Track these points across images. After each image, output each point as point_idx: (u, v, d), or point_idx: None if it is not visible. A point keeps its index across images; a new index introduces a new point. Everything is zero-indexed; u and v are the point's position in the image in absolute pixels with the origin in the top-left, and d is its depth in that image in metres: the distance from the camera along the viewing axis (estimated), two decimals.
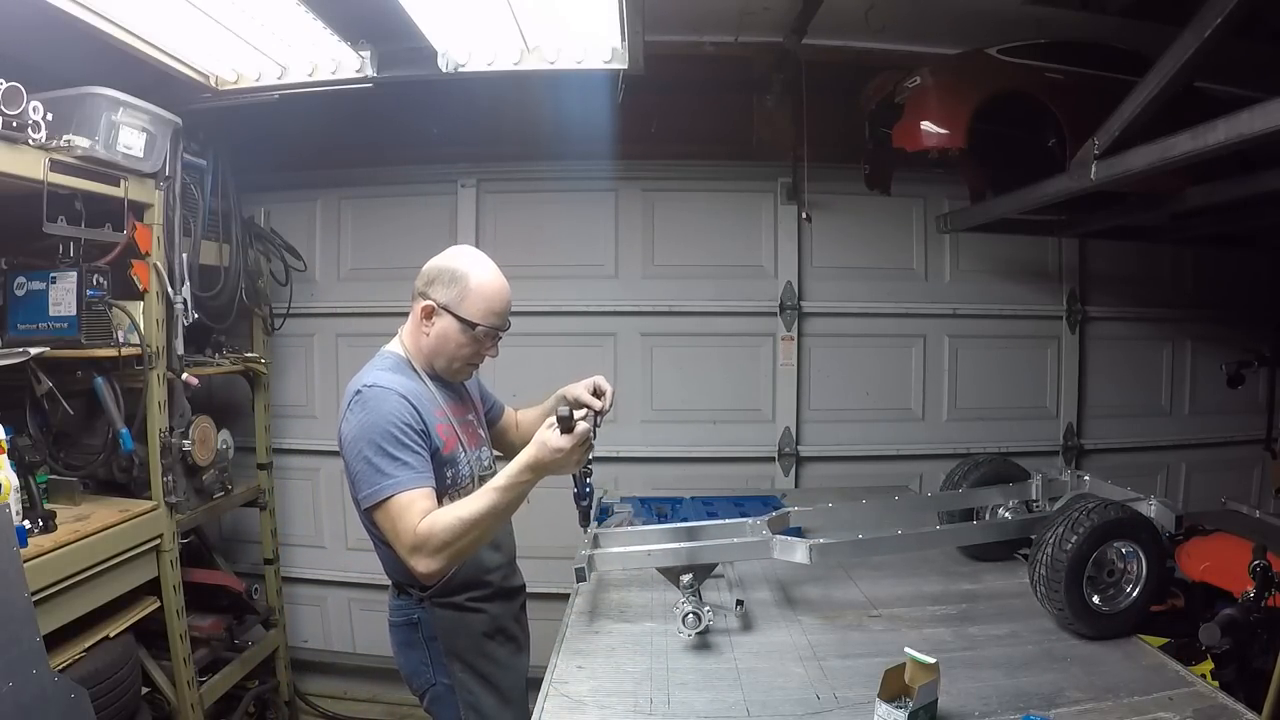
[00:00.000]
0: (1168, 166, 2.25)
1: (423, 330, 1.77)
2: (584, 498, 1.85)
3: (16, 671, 1.69)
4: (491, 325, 1.77)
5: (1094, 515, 1.89)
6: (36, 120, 2.20)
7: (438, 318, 1.75)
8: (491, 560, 1.85)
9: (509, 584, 1.93)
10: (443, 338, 1.76)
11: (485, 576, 1.84)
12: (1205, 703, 1.59)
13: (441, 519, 1.59)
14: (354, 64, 2.65)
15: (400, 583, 1.81)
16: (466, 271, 1.75)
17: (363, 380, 1.71)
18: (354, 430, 1.65)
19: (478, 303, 1.74)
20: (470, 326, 1.74)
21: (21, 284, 2.55)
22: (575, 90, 3.18)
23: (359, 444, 1.63)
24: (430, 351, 1.78)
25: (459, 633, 1.78)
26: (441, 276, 1.75)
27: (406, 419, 1.66)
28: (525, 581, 2.05)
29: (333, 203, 3.92)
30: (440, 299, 1.74)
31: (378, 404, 1.65)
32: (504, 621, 1.88)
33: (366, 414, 1.65)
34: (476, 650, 1.80)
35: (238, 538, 3.94)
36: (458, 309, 1.73)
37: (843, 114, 3.58)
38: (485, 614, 1.82)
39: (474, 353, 1.80)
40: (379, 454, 1.61)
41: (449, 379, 1.85)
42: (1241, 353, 3.80)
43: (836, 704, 1.63)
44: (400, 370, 1.76)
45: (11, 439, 2.19)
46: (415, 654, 1.82)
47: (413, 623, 1.80)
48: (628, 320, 3.85)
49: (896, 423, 3.93)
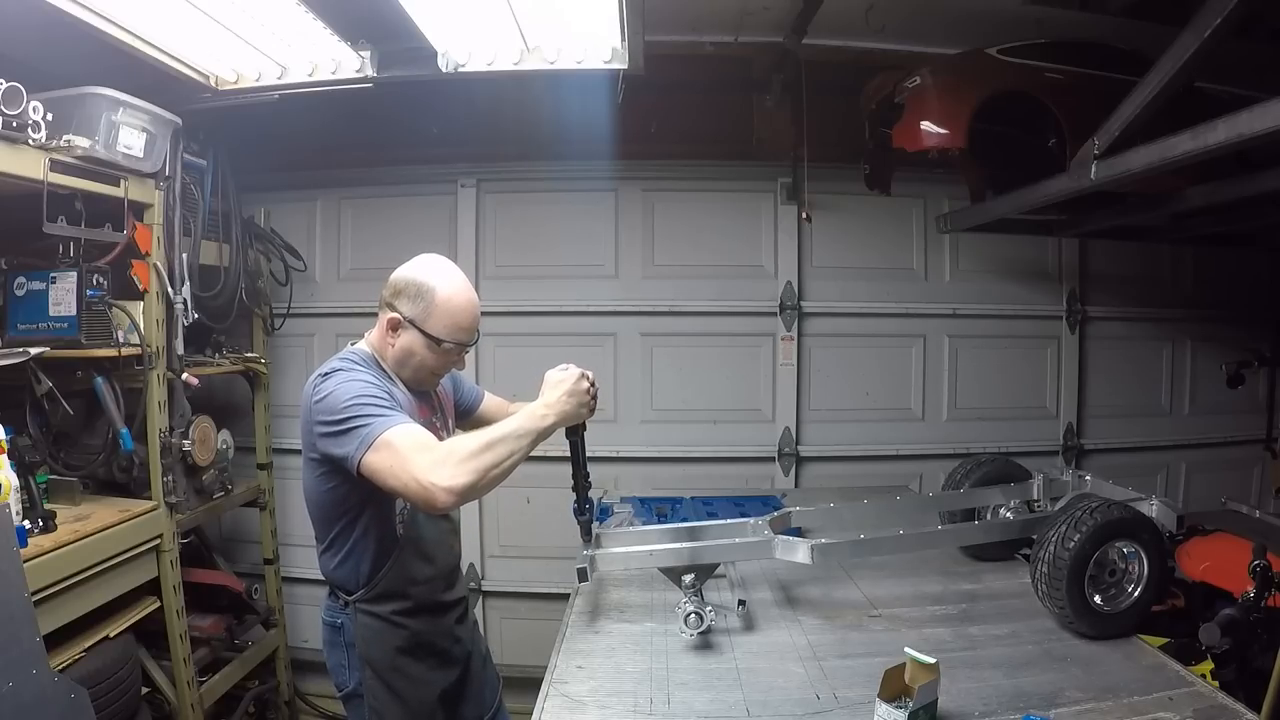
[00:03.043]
0: (1168, 166, 2.25)
1: (388, 342, 1.73)
2: (583, 512, 1.84)
3: (16, 671, 1.69)
4: (457, 341, 1.74)
5: (1096, 515, 1.89)
6: (36, 120, 2.20)
7: (403, 331, 1.71)
8: (420, 572, 1.78)
9: (438, 598, 1.83)
10: (408, 351, 1.73)
11: (410, 589, 1.76)
12: (1205, 703, 1.59)
13: (465, 437, 1.54)
14: (354, 64, 2.64)
15: (333, 586, 1.80)
16: (434, 286, 1.71)
17: (328, 366, 1.65)
18: (326, 402, 1.56)
19: (444, 319, 1.71)
20: (436, 343, 1.71)
21: (21, 284, 2.55)
22: (575, 90, 3.18)
23: (333, 410, 1.54)
24: (395, 362, 1.75)
25: (374, 643, 1.75)
26: (408, 290, 1.71)
27: (381, 388, 1.61)
28: (466, 594, 1.98)
29: (333, 203, 3.92)
30: (406, 313, 1.70)
31: (347, 377, 1.60)
32: (429, 637, 1.81)
33: (337, 386, 1.57)
34: (388, 663, 1.75)
35: (238, 538, 3.94)
36: (423, 324, 1.70)
37: (843, 114, 3.58)
38: (406, 629, 1.76)
39: (440, 365, 1.77)
40: (362, 405, 1.53)
41: (414, 387, 1.81)
42: (1241, 353, 3.81)
43: (836, 704, 1.63)
44: (368, 365, 1.71)
45: (11, 439, 2.18)
46: (336, 654, 1.81)
47: (336, 625, 1.79)
48: (628, 320, 3.85)
49: (896, 423, 3.93)
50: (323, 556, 1.78)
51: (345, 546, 1.73)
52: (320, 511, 1.73)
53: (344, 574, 1.75)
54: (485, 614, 3.95)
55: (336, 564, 1.75)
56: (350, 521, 1.71)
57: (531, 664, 2.17)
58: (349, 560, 1.74)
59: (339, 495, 1.67)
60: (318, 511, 1.74)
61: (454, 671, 1.88)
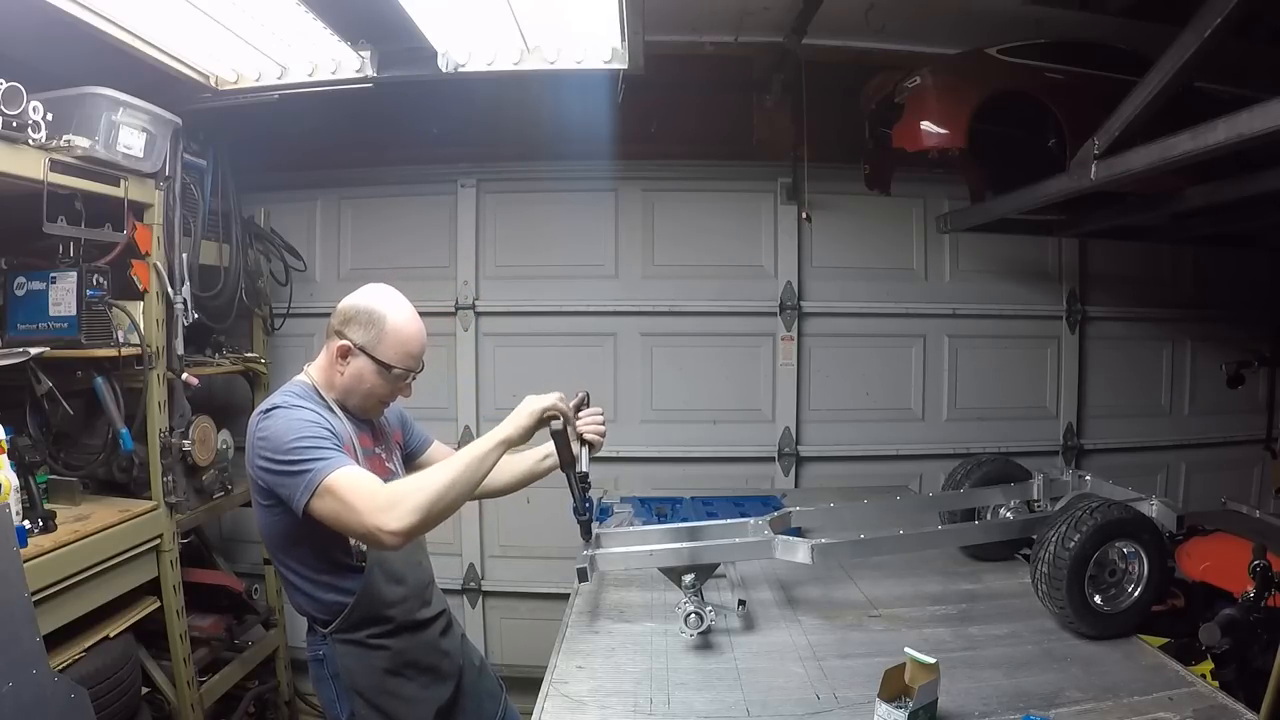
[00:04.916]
0: (1168, 166, 2.26)
1: (337, 369, 1.75)
2: (583, 512, 1.84)
3: (16, 671, 1.69)
4: (406, 368, 1.77)
5: (1097, 514, 1.89)
6: (36, 120, 2.20)
7: (353, 358, 1.74)
8: (392, 594, 1.76)
9: (414, 617, 1.81)
10: (357, 378, 1.75)
11: (386, 611, 1.75)
12: (1205, 703, 1.59)
13: (410, 478, 1.58)
14: (354, 64, 2.64)
15: (311, 619, 1.79)
16: (384, 314, 1.74)
17: (270, 403, 1.67)
18: (270, 442, 1.58)
19: (394, 345, 1.74)
20: (387, 369, 1.74)
21: (21, 284, 2.55)
22: (575, 90, 3.18)
23: (278, 450, 1.56)
24: (344, 389, 1.76)
25: (359, 670, 1.73)
26: (359, 317, 1.74)
27: (323, 425, 1.62)
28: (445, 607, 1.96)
29: (333, 203, 3.93)
30: (357, 340, 1.73)
31: (289, 416, 1.62)
32: (414, 654, 1.80)
33: (279, 424, 1.59)
34: (378, 688, 1.74)
35: (238, 538, 3.94)
36: (374, 351, 1.73)
37: (843, 114, 3.58)
38: (388, 650, 1.75)
39: (388, 392, 1.79)
40: (305, 448, 1.55)
41: (361, 415, 1.82)
42: (1241, 353, 3.81)
43: (836, 704, 1.63)
44: (308, 398, 1.72)
45: (11, 439, 2.19)
46: (325, 689, 1.79)
47: (320, 659, 1.78)
48: (628, 320, 3.85)
49: (896, 422, 3.93)
50: (288, 592, 1.77)
51: (304, 577, 1.71)
52: (272, 542, 1.72)
53: (311, 605, 1.74)
54: (485, 614, 3.95)
55: (301, 597, 1.74)
56: (304, 550, 1.69)
57: (531, 664, 2.16)
58: (312, 591, 1.72)
59: (289, 523, 1.64)
60: (275, 544, 1.72)
61: (447, 687, 1.86)
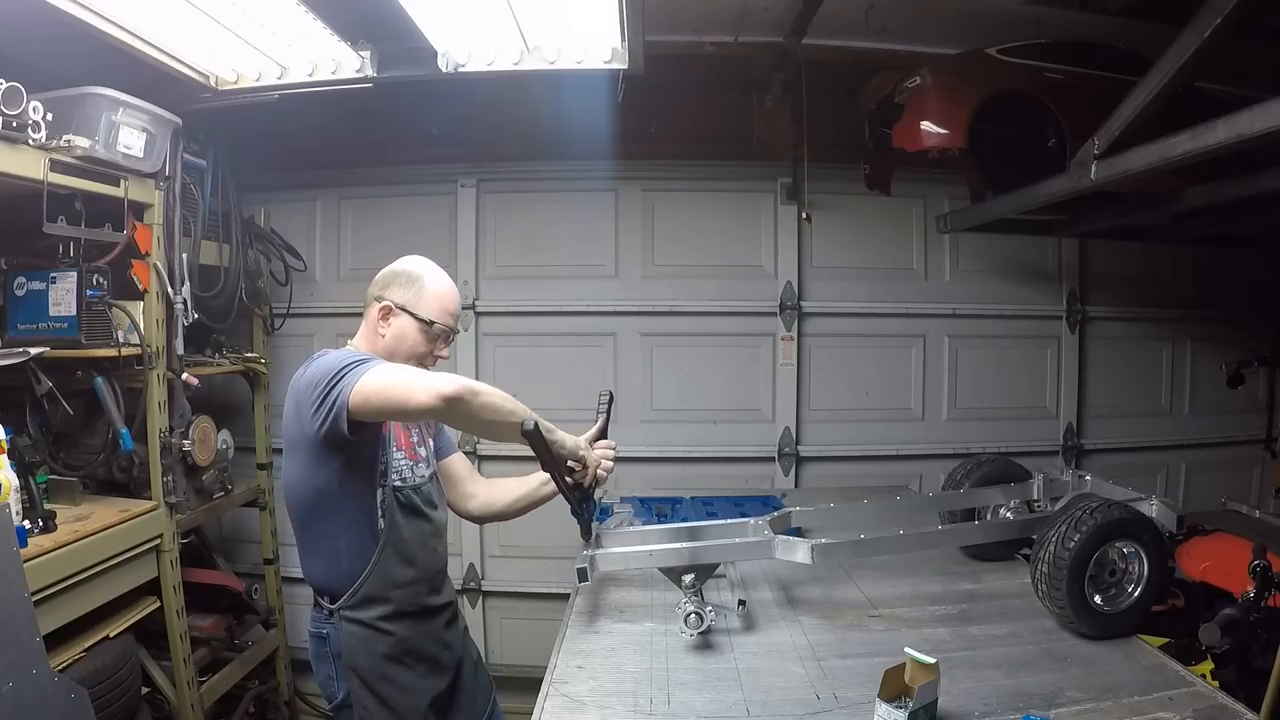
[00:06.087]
0: (1168, 166, 2.25)
1: (379, 332, 1.81)
2: (582, 514, 1.84)
3: (16, 671, 1.69)
4: (446, 325, 1.84)
5: (1097, 514, 1.89)
6: (36, 120, 2.20)
7: (394, 318, 1.81)
8: (401, 575, 1.77)
9: (421, 603, 1.83)
10: (399, 337, 1.81)
11: (391, 592, 1.76)
12: (1205, 703, 1.59)
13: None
14: (354, 64, 2.64)
15: (317, 590, 1.80)
16: (422, 274, 1.84)
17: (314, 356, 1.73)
18: (319, 371, 1.63)
19: (434, 301, 1.82)
20: (428, 325, 1.81)
21: (21, 284, 2.55)
22: (575, 90, 3.18)
23: (330, 370, 1.61)
24: (386, 352, 1.80)
25: (360, 651, 1.74)
26: (398, 279, 1.83)
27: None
28: (454, 599, 1.98)
29: (333, 203, 3.92)
30: (398, 299, 1.80)
31: (336, 354, 1.69)
32: (416, 643, 1.80)
33: (329, 358, 1.66)
34: (376, 672, 1.75)
35: (238, 538, 3.94)
36: (415, 308, 1.80)
37: (843, 114, 3.58)
38: (392, 636, 1.76)
39: (428, 352, 1.84)
40: (356, 362, 1.62)
41: None
42: (1241, 353, 3.81)
43: (836, 704, 1.63)
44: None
45: (11, 439, 2.18)
46: (323, 666, 1.81)
47: (322, 636, 1.79)
48: (628, 320, 3.85)
49: (896, 422, 3.93)
50: (305, 560, 1.80)
51: (326, 544, 1.74)
52: (301, 506, 1.74)
53: (325, 575, 1.76)
54: (485, 614, 3.95)
55: (318, 564, 1.76)
56: (330, 515, 1.72)
57: (531, 664, 2.16)
58: (330, 559, 1.74)
59: (319, 483, 1.68)
60: (298, 506, 1.75)
61: (444, 678, 1.87)
